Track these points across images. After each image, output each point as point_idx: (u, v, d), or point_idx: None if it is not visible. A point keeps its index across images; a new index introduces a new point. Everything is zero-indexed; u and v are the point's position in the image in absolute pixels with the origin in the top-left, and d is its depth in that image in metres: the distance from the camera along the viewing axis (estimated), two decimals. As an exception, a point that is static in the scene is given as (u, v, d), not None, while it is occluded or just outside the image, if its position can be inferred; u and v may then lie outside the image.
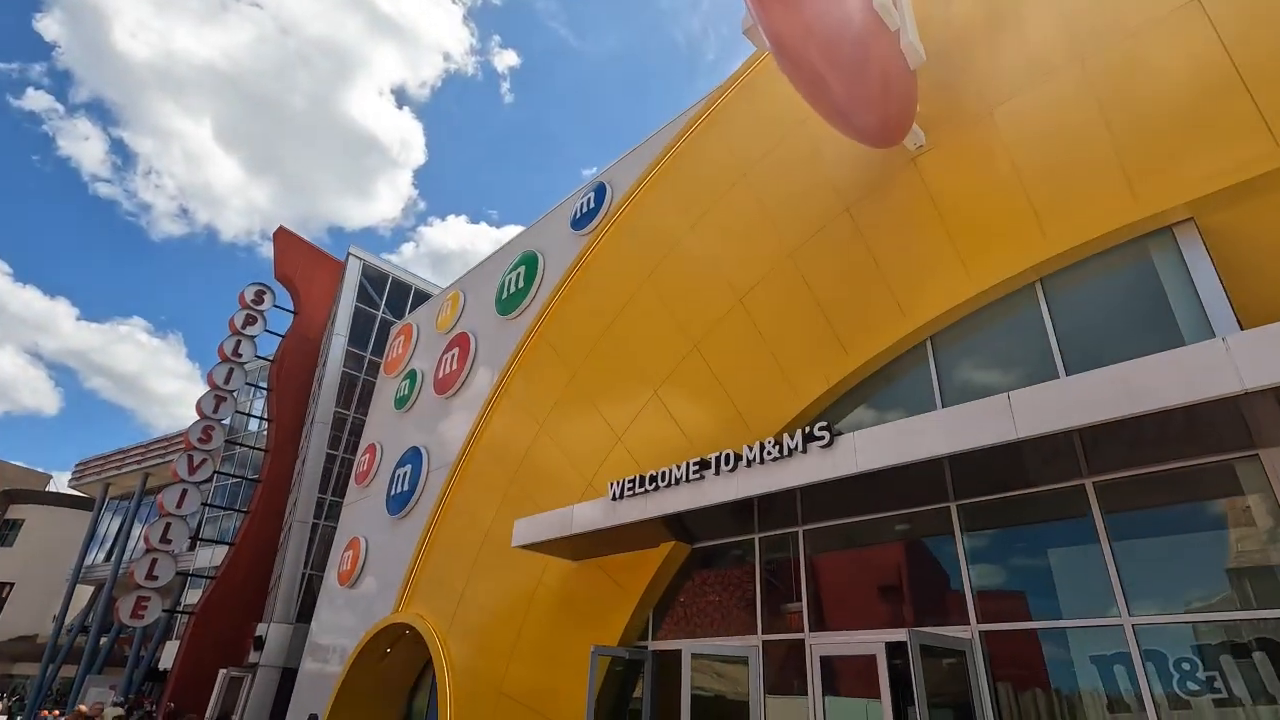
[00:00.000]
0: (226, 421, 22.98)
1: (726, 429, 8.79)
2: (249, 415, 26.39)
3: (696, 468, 7.61)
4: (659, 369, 10.31)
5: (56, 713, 22.07)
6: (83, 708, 15.08)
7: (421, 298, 23.72)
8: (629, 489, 8.27)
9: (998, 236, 7.20)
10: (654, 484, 7.98)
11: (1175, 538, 5.61)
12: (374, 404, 19.92)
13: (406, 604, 13.68)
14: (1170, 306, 6.10)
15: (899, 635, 6.56)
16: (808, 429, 6.68)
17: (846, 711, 7.05)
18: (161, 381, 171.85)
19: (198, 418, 22.00)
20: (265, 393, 24.75)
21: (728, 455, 7.34)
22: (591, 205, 13.48)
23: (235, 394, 22.86)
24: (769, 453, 6.90)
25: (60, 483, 50.82)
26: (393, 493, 15.76)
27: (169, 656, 22.06)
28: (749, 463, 7.09)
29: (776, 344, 8.90)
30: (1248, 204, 5.88)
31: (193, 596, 23.20)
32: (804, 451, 6.64)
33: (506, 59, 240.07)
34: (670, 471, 7.87)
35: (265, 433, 24.45)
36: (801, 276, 8.87)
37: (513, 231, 16.07)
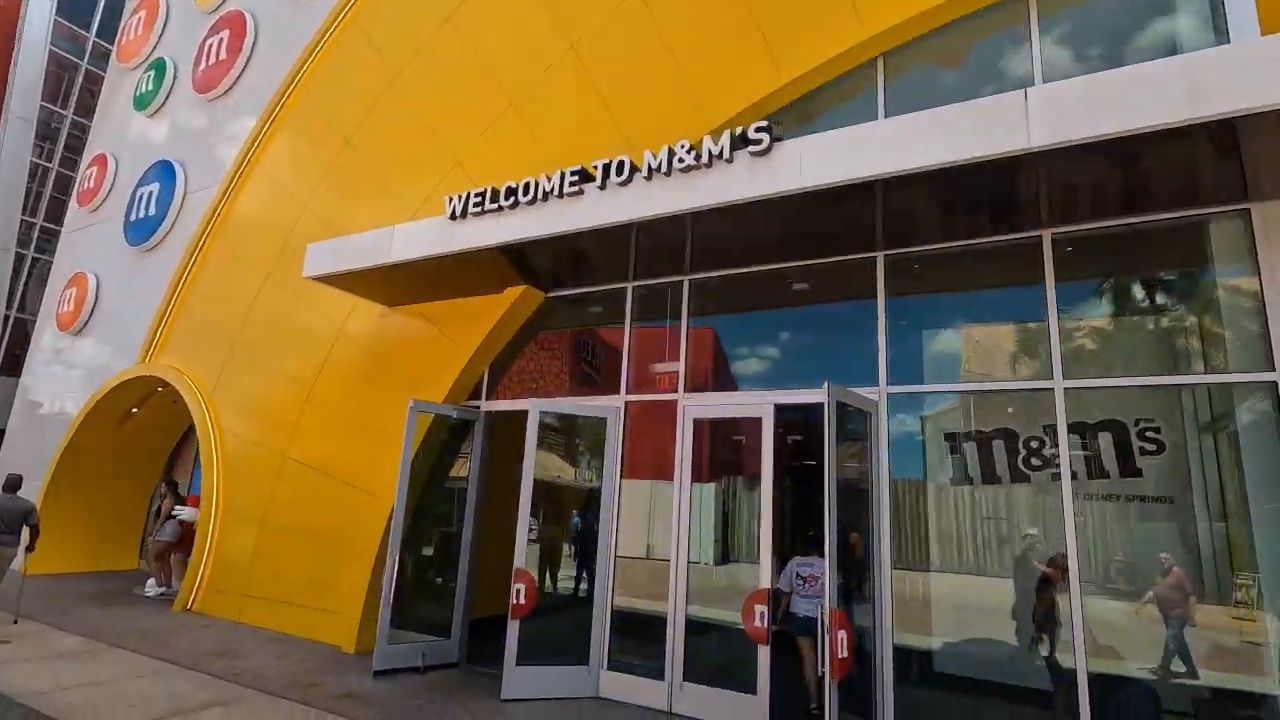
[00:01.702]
0: None
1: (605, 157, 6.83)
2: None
3: (575, 179, 5.69)
4: (520, 76, 7.82)
5: None
6: None
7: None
8: (475, 205, 6.19)
9: (1001, -79, 5.57)
10: (510, 199, 5.97)
11: (1129, 313, 4.98)
12: (104, 102, 14.74)
13: (157, 355, 10.79)
14: (1176, 30, 5.06)
15: (791, 397, 5.66)
16: (739, 130, 4.98)
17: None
18: None
19: None
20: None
21: (620, 163, 5.49)
22: None
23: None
24: (680, 160, 5.16)
25: None
26: (133, 218, 11.93)
27: None
28: (650, 173, 5.31)
29: (685, 52, 6.83)
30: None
31: None
32: (729, 160, 4.99)
33: None
34: (536, 184, 5.88)
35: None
36: (729, -39, 6.69)
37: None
